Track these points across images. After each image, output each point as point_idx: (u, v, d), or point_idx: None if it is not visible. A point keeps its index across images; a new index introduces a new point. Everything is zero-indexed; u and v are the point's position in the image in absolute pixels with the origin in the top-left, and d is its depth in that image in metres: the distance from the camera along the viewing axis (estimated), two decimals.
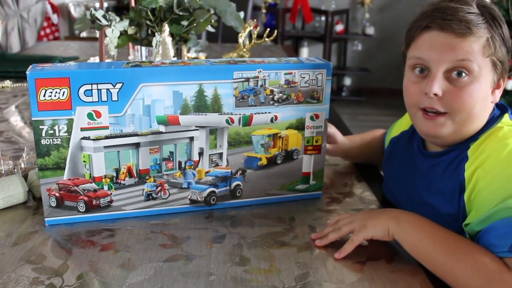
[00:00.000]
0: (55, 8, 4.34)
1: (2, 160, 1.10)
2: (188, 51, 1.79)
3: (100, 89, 0.90)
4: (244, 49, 2.07)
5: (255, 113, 0.99)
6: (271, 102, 1.00)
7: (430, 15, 0.88)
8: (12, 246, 0.88)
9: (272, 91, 0.99)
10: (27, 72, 0.87)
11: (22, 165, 1.11)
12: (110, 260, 0.85)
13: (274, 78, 0.99)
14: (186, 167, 1.00)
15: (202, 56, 1.85)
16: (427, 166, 0.97)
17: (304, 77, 1.00)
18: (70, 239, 0.91)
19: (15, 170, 1.10)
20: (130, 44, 1.87)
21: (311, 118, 1.03)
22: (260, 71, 0.97)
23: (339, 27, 4.89)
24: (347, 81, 5.15)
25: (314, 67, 1.00)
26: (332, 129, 1.19)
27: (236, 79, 0.96)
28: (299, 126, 1.03)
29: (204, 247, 0.89)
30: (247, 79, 0.97)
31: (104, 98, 0.91)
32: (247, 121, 0.99)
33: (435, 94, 0.87)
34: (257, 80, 0.97)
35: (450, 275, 0.78)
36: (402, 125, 1.14)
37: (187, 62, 0.98)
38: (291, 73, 0.99)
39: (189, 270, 0.82)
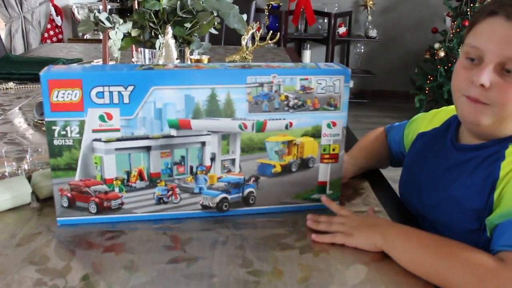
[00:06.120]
0: (59, 10, 4.35)
1: (6, 162, 1.11)
2: (191, 54, 1.80)
3: (112, 91, 0.90)
4: (247, 52, 2.08)
5: (269, 119, 0.97)
6: (286, 108, 0.97)
7: (500, 1, 0.87)
8: (15, 247, 0.88)
9: (287, 97, 0.96)
10: (41, 74, 0.87)
11: (26, 167, 1.11)
12: (114, 261, 0.85)
13: (289, 83, 0.95)
14: (198, 172, 0.98)
15: (205, 58, 1.85)
16: (459, 160, 0.96)
17: (320, 83, 0.97)
18: (74, 240, 0.91)
19: (19, 171, 1.10)
20: (134, 47, 1.88)
21: (328, 125, 1.00)
22: (275, 76, 0.94)
23: (342, 30, 4.89)
24: (350, 84, 5.15)
25: (331, 73, 0.97)
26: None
27: (250, 84, 0.94)
28: (315, 133, 1.00)
29: (207, 249, 0.89)
30: (261, 84, 0.94)
31: (115, 100, 0.90)
32: (260, 127, 0.97)
33: (482, 85, 0.86)
34: (272, 85, 0.95)
35: (444, 283, 0.78)
36: (433, 121, 1.12)
37: (200, 66, 0.96)
38: (307, 79, 0.96)
39: (192, 272, 0.82)
